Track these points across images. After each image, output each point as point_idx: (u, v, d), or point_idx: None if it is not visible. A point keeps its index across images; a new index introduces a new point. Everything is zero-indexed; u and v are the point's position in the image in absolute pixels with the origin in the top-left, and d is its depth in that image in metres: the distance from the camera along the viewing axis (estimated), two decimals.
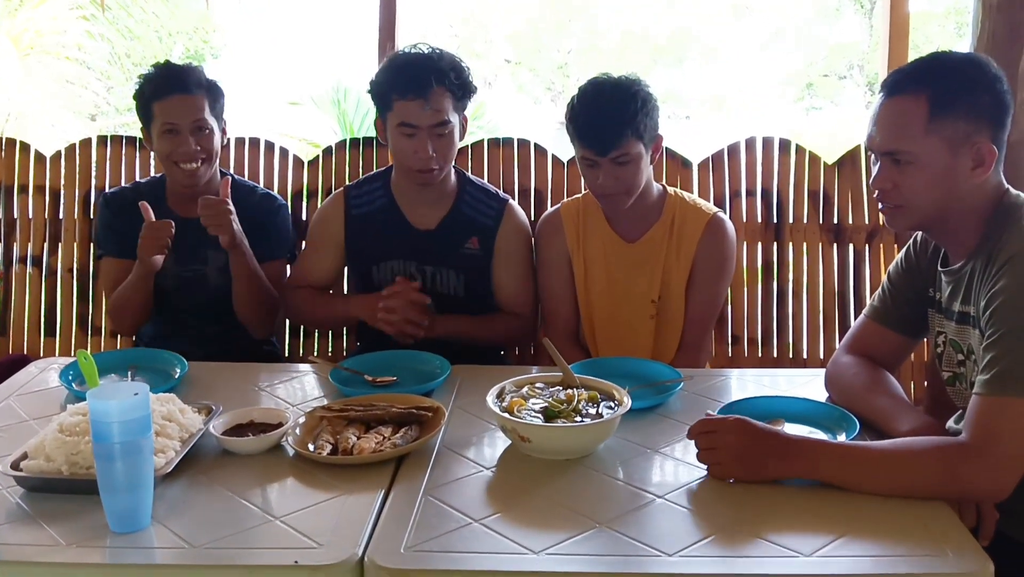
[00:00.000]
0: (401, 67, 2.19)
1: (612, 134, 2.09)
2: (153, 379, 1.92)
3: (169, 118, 2.32)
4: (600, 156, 2.11)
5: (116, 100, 12.76)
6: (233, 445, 1.59)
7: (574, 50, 18.86)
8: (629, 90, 2.12)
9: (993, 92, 1.52)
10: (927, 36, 14.53)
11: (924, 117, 1.50)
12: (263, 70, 14.88)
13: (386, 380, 1.93)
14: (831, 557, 1.27)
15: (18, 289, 2.90)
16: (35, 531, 1.34)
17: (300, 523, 1.36)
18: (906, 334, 1.79)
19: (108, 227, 2.47)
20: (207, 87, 2.37)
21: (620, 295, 2.30)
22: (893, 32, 2.84)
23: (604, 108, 2.11)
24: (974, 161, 1.51)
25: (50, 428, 1.52)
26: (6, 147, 2.91)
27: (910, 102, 1.52)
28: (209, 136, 2.34)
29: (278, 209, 2.52)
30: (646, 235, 2.28)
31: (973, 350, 1.57)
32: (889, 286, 1.79)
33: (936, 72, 1.55)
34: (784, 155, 2.74)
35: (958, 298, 1.59)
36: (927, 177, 1.52)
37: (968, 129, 1.50)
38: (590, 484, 1.50)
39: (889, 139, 1.54)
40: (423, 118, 2.15)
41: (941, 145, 1.50)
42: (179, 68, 2.39)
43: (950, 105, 1.50)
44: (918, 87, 1.52)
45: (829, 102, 17.04)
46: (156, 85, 2.35)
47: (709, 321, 2.33)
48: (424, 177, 2.23)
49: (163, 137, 2.33)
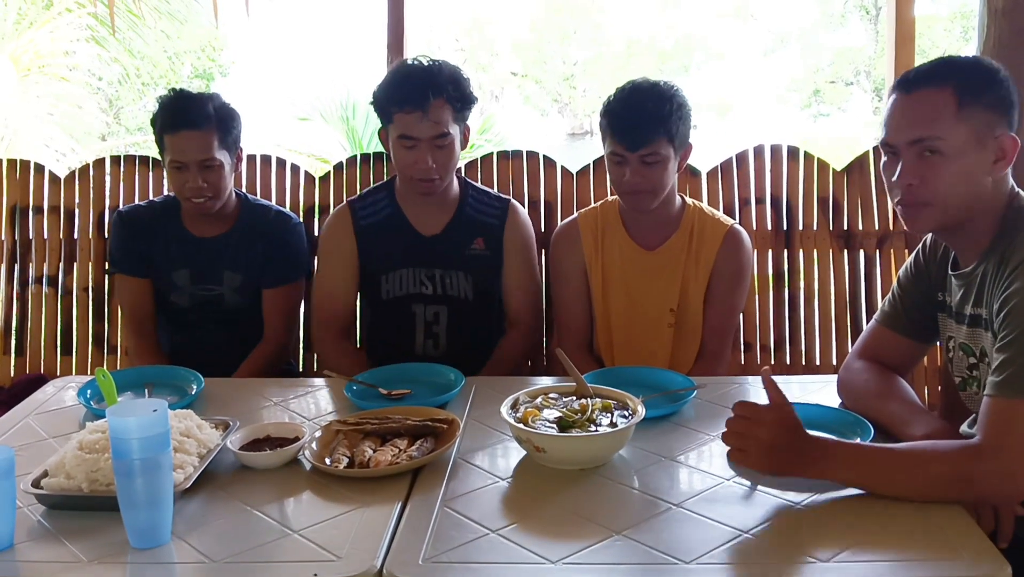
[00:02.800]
0: (400, 80, 2.21)
1: (644, 131, 2.12)
2: (170, 396, 1.94)
3: (177, 155, 2.31)
4: (630, 151, 2.14)
5: (126, 121, 12.86)
6: (251, 460, 1.60)
7: (580, 61, 18.90)
8: (666, 92, 2.15)
9: (1008, 88, 1.54)
10: (933, 41, 14.53)
11: (954, 105, 1.50)
12: (272, 86, 14.98)
13: (401, 393, 1.94)
14: (848, 562, 1.27)
15: (34, 309, 2.92)
16: (57, 548, 1.36)
17: (318, 536, 1.36)
18: (917, 339, 1.80)
19: (122, 246, 2.47)
20: (218, 120, 2.33)
21: (638, 303, 2.31)
22: (899, 37, 2.85)
23: (639, 105, 2.14)
24: (996, 154, 1.52)
25: (70, 446, 1.53)
26: (20, 169, 2.95)
27: (935, 94, 1.51)
28: (218, 171, 2.33)
29: (294, 228, 2.51)
30: (665, 244, 2.29)
31: (987, 353, 1.57)
32: (899, 291, 1.79)
33: (955, 67, 1.57)
34: (793, 162, 2.75)
35: (969, 301, 1.59)
36: (955, 169, 1.51)
37: (992, 120, 1.51)
38: (606, 493, 1.50)
39: (919, 126, 1.51)
40: (422, 130, 2.17)
41: (970, 135, 1.50)
42: (189, 100, 2.34)
43: (977, 95, 1.51)
44: (941, 81, 1.52)
45: (836, 108, 17.04)
46: (166, 118, 2.33)
47: (728, 331, 2.34)
48: (425, 187, 2.25)
49: (172, 171, 2.34)
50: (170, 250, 2.43)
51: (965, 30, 14.96)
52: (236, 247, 2.43)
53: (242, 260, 2.43)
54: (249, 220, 2.36)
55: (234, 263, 2.39)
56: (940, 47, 14.33)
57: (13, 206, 2.94)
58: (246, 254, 2.43)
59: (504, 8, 18.81)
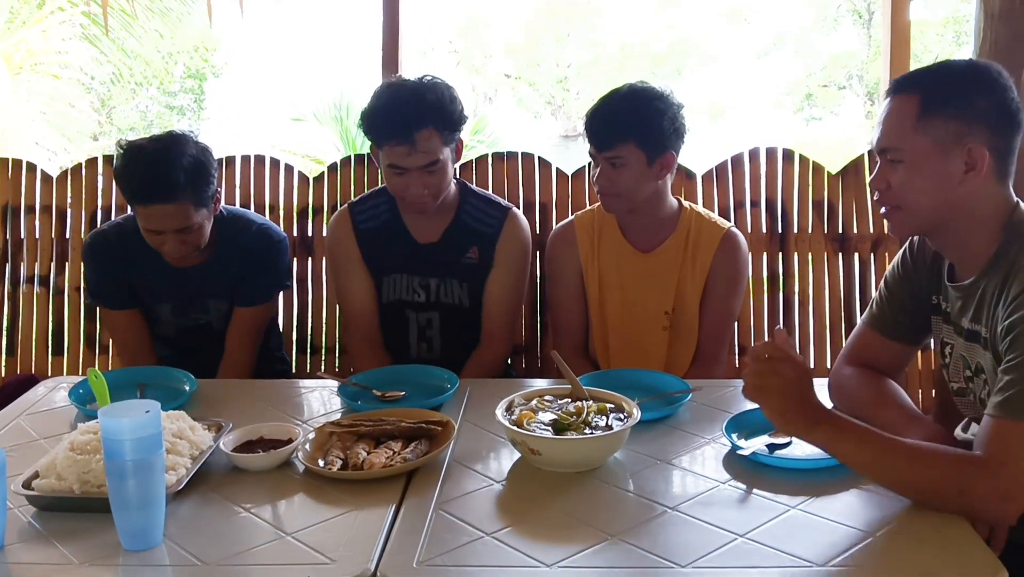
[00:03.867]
0: (385, 114, 2.14)
1: (609, 133, 2.13)
2: (162, 397, 1.92)
3: (150, 224, 2.12)
4: (598, 152, 2.16)
5: (118, 120, 12.82)
6: (243, 462, 1.59)
7: (574, 64, 18.91)
8: (643, 97, 2.14)
9: (993, 97, 1.52)
10: (925, 45, 14.57)
11: (914, 115, 1.51)
12: (265, 87, 14.97)
13: (395, 395, 1.93)
14: (845, 567, 1.27)
15: (26, 309, 2.91)
16: (47, 550, 1.35)
17: (312, 539, 1.36)
18: (906, 342, 1.78)
19: (100, 278, 2.31)
20: (192, 185, 2.09)
21: (633, 306, 2.30)
22: (894, 40, 2.85)
23: (610, 107, 2.15)
24: (966, 164, 1.50)
25: (61, 447, 1.52)
26: (12, 167, 2.93)
27: (904, 101, 1.54)
28: (197, 232, 2.15)
29: (275, 245, 2.35)
30: (661, 247, 2.29)
31: (982, 369, 1.56)
32: (887, 293, 1.77)
33: (933, 75, 1.57)
34: (788, 165, 2.75)
35: (968, 315, 1.58)
36: (918, 177, 1.52)
37: (960, 130, 1.50)
38: (601, 496, 1.49)
39: (882, 137, 1.57)
40: (411, 162, 2.14)
41: (929, 144, 1.51)
42: (156, 169, 2.06)
43: (941, 105, 1.51)
44: (913, 88, 1.54)
45: (829, 112, 17.09)
46: (133, 189, 2.11)
47: (724, 334, 2.33)
48: (418, 207, 2.24)
49: (148, 234, 2.15)
50: (150, 282, 2.29)
51: (958, 35, 15.02)
52: (219, 273, 2.29)
53: (225, 285, 2.31)
54: (228, 238, 2.24)
55: (218, 291, 2.29)
56: (933, 52, 14.38)
57: (4, 205, 2.92)
58: (229, 277, 2.30)
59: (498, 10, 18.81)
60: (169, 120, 14.46)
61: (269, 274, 2.36)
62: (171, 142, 2.14)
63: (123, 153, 2.15)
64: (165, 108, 14.79)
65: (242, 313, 2.33)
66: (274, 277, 2.38)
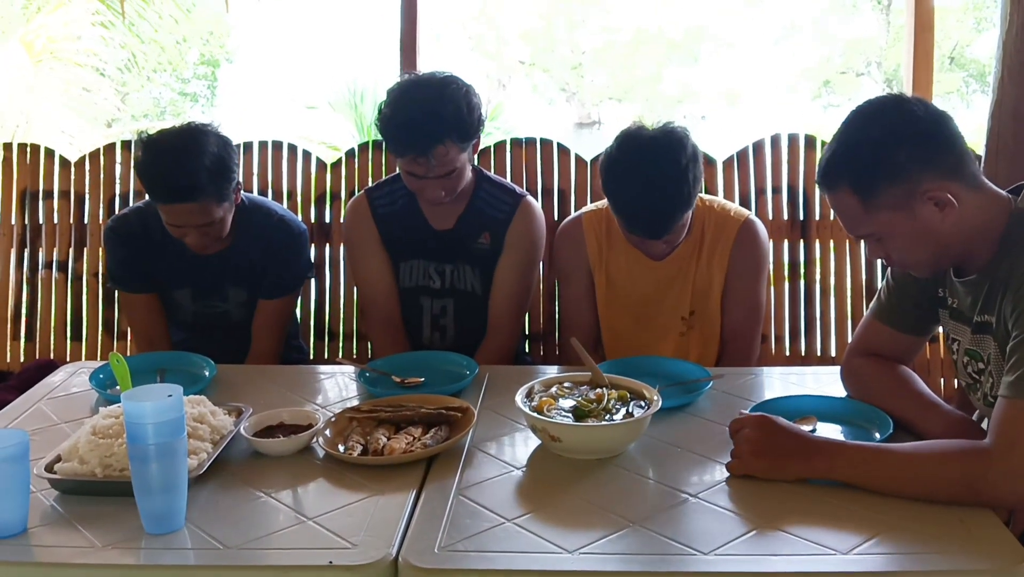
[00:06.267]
0: (401, 128, 2.11)
1: (661, 224, 2.03)
2: (182, 382, 1.92)
3: (173, 220, 2.13)
4: (650, 237, 2.10)
5: (132, 107, 12.84)
6: (264, 446, 1.59)
7: (588, 50, 18.83)
8: (669, 159, 2.01)
9: (910, 141, 1.47)
10: (946, 32, 14.42)
11: (857, 203, 1.51)
12: (279, 73, 14.98)
13: (414, 381, 1.93)
14: (867, 554, 1.26)
15: (44, 294, 2.92)
16: (70, 533, 1.35)
17: (333, 523, 1.35)
18: (915, 333, 1.77)
19: (120, 262, 2.32)
20: (214, 181, 2.09)
21: (646, 313, 2.24)
22: (918, 26, 2.80)
23: (648, 191, 2.00)
24: (936, 206, 1.47)
25: (83, 431, 1.52)
26: (31, 153, 2.94)
27: (841, 197, 1.53)
28: (219, 224, 2.16)
29: (296, 237, 2.35)
30: (673, 252, 2.20)
31: (992, 359, 1.54)
32: (894, 285, 1.75)
33: (846, 158, 1.52)
34: (810, 152, 2.73)
35: (977, 307, 1.56)
36: (903, 241, 1.53)
37: (907, 188, 1.46)
38: (622, 483, 1.49)
39: (850, 229, 1.58)
40: (428, 171, 2.13)
41: (891, 214, 1.49)
42: (178, 169, 2.06)
43: (872, 183, 1.48)
44: (839, 180, 1.52)
45: (847, 99, 16.94)
46: (154, 188, 2.11)
47: (756, 327, 2.24)
48: (434, 204, 2.25)
49: (170, 227, 2.16)
50: (170, 267, 2.29)
51: (978, 21, 14.86)
52: (238, 261, 2.29)
53: (245, 273, 2.31)
54: (248, 227, 2.24)
55: (237, 278, 2.29)
56: (952, 38, 14.24)
57: (23, 191, 2.93)
58: (248, 266, 2.30)
59: None
60: (182, 107, 14.47)
61: (293, 267, 2.36)
62: (192, 139, 2.12)
63: (144, 149, 2.13)
64: (178, 95, 14.81)
65: (266, 305, 2.34)
66: (297, 269, 2.39)
